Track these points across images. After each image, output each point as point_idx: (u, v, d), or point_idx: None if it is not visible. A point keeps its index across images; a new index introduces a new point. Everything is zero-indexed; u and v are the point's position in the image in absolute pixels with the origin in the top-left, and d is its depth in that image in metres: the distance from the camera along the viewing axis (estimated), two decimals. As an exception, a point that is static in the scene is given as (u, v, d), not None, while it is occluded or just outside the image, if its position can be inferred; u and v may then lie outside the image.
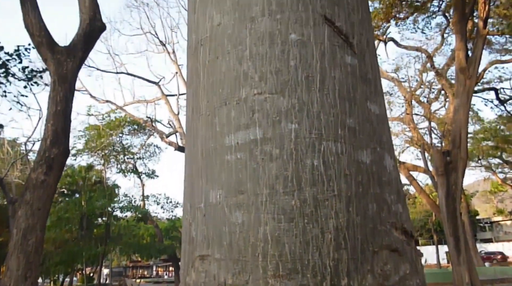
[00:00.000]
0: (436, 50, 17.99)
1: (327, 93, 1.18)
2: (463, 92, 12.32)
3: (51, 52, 7.39)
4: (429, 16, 14.81)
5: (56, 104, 7.28)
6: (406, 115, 18.59)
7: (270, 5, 1.24)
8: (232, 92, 1.21)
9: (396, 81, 18.85)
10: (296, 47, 1.20)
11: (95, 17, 7.76)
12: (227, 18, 1.29)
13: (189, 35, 1.46)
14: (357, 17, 1.33)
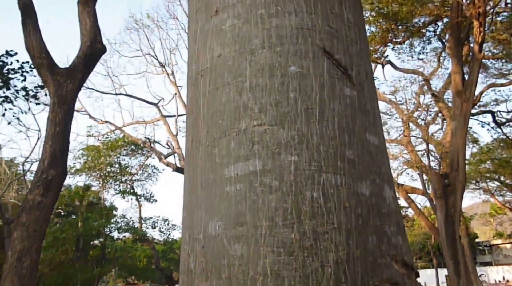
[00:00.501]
0: (433, 74, 18.17)
1: (327, 125, 1.18)
2: (460, 115, 12.41)
3: (51, 73, 7.43)
4: (425, 41, 15.03)
5: (55, 125, 7.28)
6: (404, 137, 18.64)
7: (270, 37, 1.26)
8: (232, 123, 1.22)
9: (393, 103, 18.97)
10: (295, 79, 1.21)
11: (96, 39, 7.84)
12: (227, 49, 1.30)
13: (189, 65, 1.47)
14: (355, 49, 1.36)
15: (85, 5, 7.59)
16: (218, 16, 1.36)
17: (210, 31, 1.38)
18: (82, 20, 7.60)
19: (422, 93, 18.86)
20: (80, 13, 7.61)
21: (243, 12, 1.31)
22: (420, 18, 13.66)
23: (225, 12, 1.35)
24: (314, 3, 1.30)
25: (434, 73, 18.36)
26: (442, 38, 15.64)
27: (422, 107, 19.06)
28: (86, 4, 7.60)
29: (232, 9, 1.33)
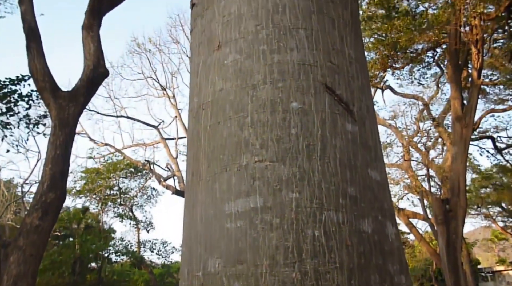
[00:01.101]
0: (432, 98, 18.30)
1: (328, 161, 1.18)
2: (460, 140, 12.43)
3: (53, 97, 7.47)
4: (425, 66, 15.19)
5: (56, 148, 7.28)
6: (404, 162, 18.62)
7: (272, 73, 1.27)
8: (233, 159, 1.21)
9: (393, 128, 19.03)
10: (297, 115, 1.21)
11: (99, 63, 7.90)
12: (229, 84, 1.31)
13: (191, 98, 1.48)
14: (357, 84, 1.36)
15: (90, 30, 7.69)
16: (221, 51, 1.37)
17: (212, 65, 1.39)
18: (86, 45, 7.69)
19: (422, 118, 18.93)
20: (84, 38, 7.70)
21: (245, 48, 1.32)
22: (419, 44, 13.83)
23: (228, 47, 1.36)
24: (315, 40, 1.32)
25: (434, 98, 18.48)
26: (441, 64, 15.81)
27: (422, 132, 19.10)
28: (91, 29, 7.71)
29: (234, 44, 1.35)
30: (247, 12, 1.36)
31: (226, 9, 1.41)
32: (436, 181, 19.65)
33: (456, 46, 11.95)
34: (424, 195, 17.25)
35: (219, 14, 1.42)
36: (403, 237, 24.75)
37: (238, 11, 1.37)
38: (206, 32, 1.46)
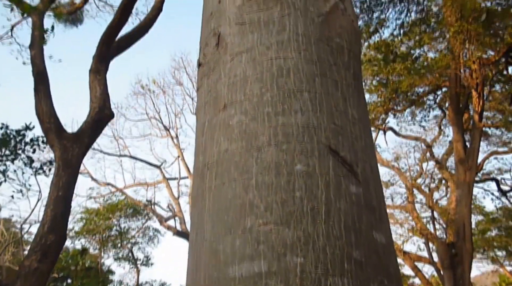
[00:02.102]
0: (435, 140, 18.35)
1: (333, 225, 1.18)
2: (464, 183, 12.37)
3: (58, 138, 7.54)
4: (426, 109, 15.34)
5: (58, 189, 7.27)
6: (408, 204, 18.44)
7: (276, 135, 1.29)
8: (237, 221, 1.21)
9: (396, 169, 18.99)
10: (301, 178, 1.22)
11: (105, 106, 8.03)
12: (234, 145, 1.33)
13: (196, 156, 1.50)
14: (360, 144, 1.38)
15: (97, 74, 7.87)
16: (226, 111, 1.40)
17: (217, 125, 1.42)
18: (92, 88, 7.84)
19: (425, 160, 18.93)
20: (91, 81, 7.87)
21: (250, 109, 1.35)
22: (419, 88, 14.05)
23: (233, 108, 1.39)
24: (319, 102, 1.35)
25: (436, 140, 18.53)
26: (442, 106, 15.97)
27: (426, 173, 19.04)
28: (98, 73, 7.89)
29: (239, 105, 1.38)
30: (252, 74, 1.40)
31: (232, 71, 1.45)
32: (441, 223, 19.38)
33: (457, 89, 12.13)
34: (429, 238, 16.98)
35: (225, 76, 1.47)
36: (408, 281, 24.09)
37: (244, 74, 1.41)
38: (212, 92, 1.50)
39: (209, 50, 1.58)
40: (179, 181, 19.00)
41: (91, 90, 8.03)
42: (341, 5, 1.56)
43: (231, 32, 1.50)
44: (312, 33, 1.45)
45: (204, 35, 1.66)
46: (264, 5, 1.48)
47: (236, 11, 1.52)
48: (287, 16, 1.45)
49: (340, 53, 1.49)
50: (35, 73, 7.76)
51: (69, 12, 10.86)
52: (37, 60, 7.75)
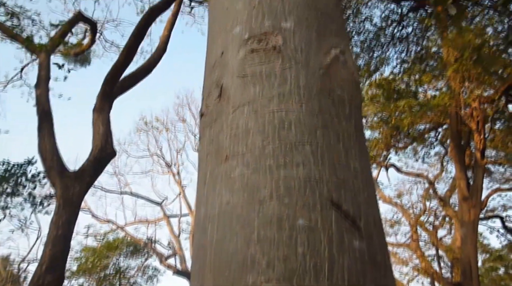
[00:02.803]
0: (437, 177, 18.28)
1: (336, 282, 1.15)
2: (468, 221, 12.21)
3: (60, 176, 7.54)
4: (428, 145, 15.37)
5: (58, 228, 7.21)
6: (412, 242, 18.15)
7: (278, 188, 1.29)
8: (239, 277, 1.19)
9: (399, 206, 18.82)
10: (304, 233, 1.21)
11: (107, 144, 8.07)
12: (236, 198, 1.32)
13: (198, 207, 1.49)
14: (363, 197, 1.37)
15: (100, 112, 7.96)
16: (228, 163, 1.41)
17: (219, 177, 1.42)
18: (95, 126, 7.91)
19: (428, 197, 18.78)
20: (94, 120, 7.94)
21: (252, 162, 1.36)
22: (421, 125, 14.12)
23: (235, 160, 1.39)
24: (321, 155, 1.35)
25: (439, 177, 18.46)
26: (444, 143, 16.01)
27: (429, 211, 18.85)
28: (101, 111, 7.98)
29: (241, 157, 1.38)
30: (254, 127, 1.41)
31: (234, 122, 1.46)
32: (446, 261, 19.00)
33: (458, 127, 12.19)
34: (434, 277, 16.60)
35: (227, 127, 1.48)
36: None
37: (246, 126, 1.43)
38: (214, 143, 1.51)
39: (212, 101, 1.60)
40: (180, 218, 18.86)
41: (94, 128, 8.10)
42: (341, 57, 1.59)
43: (233, 84, 1.53)
44: (314, 85, 1.47)
45: (206, 85, 1.69)
46: (265, 58, 1.51)
47: (238, 63, 1.55)
48: (289, 69, 1.48)
49: (341, 105, 1.50)
50: (40, 112, 7.85)
51: (76, 53, 11.11)
52: (42, 99, 7.86)
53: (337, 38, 1.65)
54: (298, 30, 1.56)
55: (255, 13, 1.60)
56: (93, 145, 8.06)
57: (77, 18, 9.63)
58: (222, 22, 1.70)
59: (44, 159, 7.68)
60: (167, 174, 19.52)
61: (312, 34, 1.58)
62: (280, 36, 1.54)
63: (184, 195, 18.45)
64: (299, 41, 1.54)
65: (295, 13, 1.60)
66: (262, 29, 1.56)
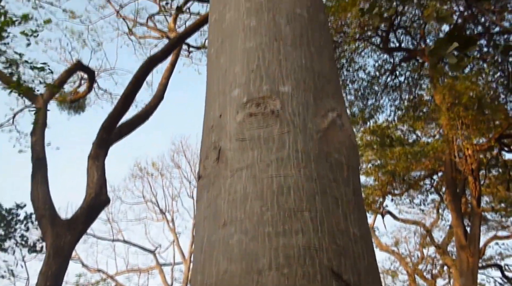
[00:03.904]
0: (434, 224, 18.10)
1: None
2: (467, 270, 11.98)
3: (51, 225, 7.40)
4: (423, 193, 15.35)
5: (46, 279, 7.00)
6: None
7: (277, 257, 1.26)
8: None
9: (396, 255, 18.49)
10: (304, 306, 1.17)
11: (101, 191, 7.99)
12: (234, 266, 1.29)
13: (194, 273, 1.45)
14: (363, 264, 1.34)
15: (95, 160, 7.93)
16: (226, 229, 1.38)
17: (217, 243, 1.38)
18: (90, 174, 7.86)
19: (425, 245, 18.52)
20: (89, 167, 7.90)
21: (250, 228, 1.33)
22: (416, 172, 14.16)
23: (233, 226, 1.37)
24: (320, 221, 1.33)
25: (435, 224, 18.29)
26: (439, 191, 15.98)
27: (427, 259, 18.52)
28: (97, 158, 7.95)
29: (240, 223, 1.36)
30: (252, 192, 1.40)
31: (232, 187, 1.45)
32: (447, 313, 18.47)
33: (453, 174, 12.21)
34: (435, 329, 16.07)
35: (225, 191, 1.46)
36: None
37: (244, 191, 1.41)
38: (211, 207, 1.49)
39: (210, 163, 1.60)
40: (173, 267, 18.38)
41: (89, 176, 8.03)
42: (338, 121, 1.61)
43: (231, 148, 1.53)
44: (311, 149, 1.48)
45: (204, 147, 1.69)
46: (264, 122, 1.52)
47: (236, 126, 1.56)
48: (287, 134, 1.49)
49: (339, 169, 1.50)
50: (34, 160, 7.81)
51: (72, 100, 11.23)
52: (37, 147, 7.85)
53: (334, 101, 1.67)
54: (295, 94, 1.59)
55: (253, 77, 1.63)
56: (87, 192, 7.97)
57: (76, 67, 9.81)
58: (220, 84, 1.73)
59: (36, 208, 7.57)
60: (161, 220, 19.24)
61: (310, 97, 1.61)
62: (278, 100, 1.56)
63: (178, 242, 18.10)
64: (297, 105, 1.56)
65: (293, 76, 1.63)
66: (260, 93, 1.58)
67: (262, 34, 1.71)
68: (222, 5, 1.91)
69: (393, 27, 14.17)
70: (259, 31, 1.72)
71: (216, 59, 1.82)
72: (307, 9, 1.84)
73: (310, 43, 1.74)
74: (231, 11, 1.84)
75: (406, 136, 15.09)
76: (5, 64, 8.87)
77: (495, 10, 11.05)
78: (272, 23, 1.73)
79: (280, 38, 1.70)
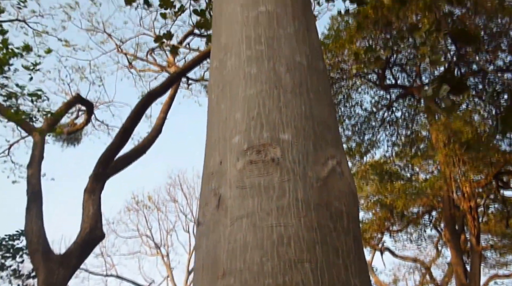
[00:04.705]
0: (433, 262, 17.85)
1: None
2: (469, 311, 11.74)
3: (44, 260, 7.27)
4: (422, 229, 15.22)
5: (37, 316, 6.80)
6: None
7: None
8: None
9: (396, 293, 18.12)
10: None
11: (96, 226, 7.89)
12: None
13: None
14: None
15: (91, 194, 7.88)
16: (225, 280, 1.36)
17: (216, 294, 1.36)
18: (85, 208, 7.78)
19: (425, 283, 18.19)
20: (85, 201, 7.83)
21: (250, 280, 1.31)
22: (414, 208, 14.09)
23: (232, 277, 1.35)
24: (321, 273, 1.31)
25: (434, 262, 18.03)
26: (438, 227, 15.85)
27: (427, 298, 18.16)
28: (93, 192, 7.90)
29: (239, 274, 1.34)
30: (252, 241, 1.38)
31: (232, 235, 1.44)
32: None
33: (451, 211, 12.15)
34: None
35: (224, 240, 1.45)
36: None
37: (244, 240, 1.40)
38: (210, 255, 1.47)
39: (209, 210, 1.59)
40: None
41: (84, 210, 7.96)
42: (338, 169, 1.62)
43: (231, 195, 1.53)
44: (311, 198, 1.48)
45: (204, 193, 1.69)
46: (264, 170, 1.53)
47: (237, 174, 1.56)
48: (287, 182, 1.49)
49: (340, 218, 1.50)
50: (30, 193, 7.75)
51: (70, 132, 11.26)
52: (33, 180, 7.81)
53: (333, 148, 1.68)
54: (295, 142, 1.60)
55: (253, 124, 1.64)
56: (82, 226, 7.86)
57: (75, 100, 9.89)
58: (221, 130, 1.75)
59: (30, 242, 7.46)
60: (156, 255, 18.89)
61: (310, 145, 1.62)
62: (278, 148, 1.57)
63: (172, 278, 17.70)
64: (297, 153, 1.57)
65: (293, 124, 1.64)
66: (260, 140, 1.60)
67: (262, 81, 1.74)
68: (223, 52, 1.95)
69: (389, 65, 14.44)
70: (259, 79, 1.75)
71: (217, 105, 1.84)
72: (306, 57, 1.88)
73: (309, 91, 1.77)
74: (232, 59, 1.88)
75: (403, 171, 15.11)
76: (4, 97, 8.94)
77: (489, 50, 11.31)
78: (272, 71, 1.76)
79: (280, 85, 1.73)
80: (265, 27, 1.90)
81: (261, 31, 1.89)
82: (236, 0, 2.07)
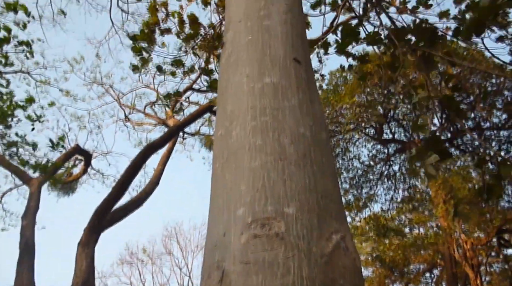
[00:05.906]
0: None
1: None
2: None
3: (32, 317, 7.00)
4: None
5: None
6: None
7: None
8: None
9: None
10: None
11: (88, 280, 7.68)
12: None
13: None
14: None
15: (85, 247, 7.72)
16: None
17: None
18: (78, 261, 7.60)
19: None
20: (78, 254, 7.66)
21: None
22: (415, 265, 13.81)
23: None
24: None
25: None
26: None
27: None
28: (87, 245, 7.74)
29: None
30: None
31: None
32: None
33: (453, 270, 11.89)
34: None
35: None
36: None
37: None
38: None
39: (212, 283, 1.56)
40: None
41: (77, 263, 7.77)
42: (342, 244, 1.60)
43: (235, 270, 1.50)
44: (316, 276, 1.45)
45: (207, 266, 1.66)
46: (268, 245, 1.51)
47: (241, 248, 1.54)
48: (291, 258, 1.47)
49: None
50: (22, 245, 7.60)
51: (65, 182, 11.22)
52: (27, 232, 7.68)
53: (337, 222, 1.68)
54: (300, 216, 1.59)
55: (258, 196, 1.65)
56: (73, 281, 7.65)
57: (74, 151, 9.92)
58: (225, 200, 1.74)
59: (19, 296, 7.21)
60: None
61: (314, 219, 1.61)
62: (282, 222, 1.56)
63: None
64: (301, 228, 1.56)
65: (297, 197, 1.65)
66: (265, 213, 1.59)
67: (267, 153, 1.76)
68: (228, 121, 1.99)
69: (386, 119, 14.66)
70: (264, 150, 1.77)
71: (221, 174, 1.85)
72: (310, 128, 1.92)
73: (313, 163, 1.79)
74: (237, 128, 1.91)
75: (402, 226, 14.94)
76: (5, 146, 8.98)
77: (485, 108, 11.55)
78: (277, 143, 1.79)
79: (285, 157, 1.75)
80: (270, 98, 1.96)
81: (266, 102, 1.94)
82: (242, 71, 2.14)
